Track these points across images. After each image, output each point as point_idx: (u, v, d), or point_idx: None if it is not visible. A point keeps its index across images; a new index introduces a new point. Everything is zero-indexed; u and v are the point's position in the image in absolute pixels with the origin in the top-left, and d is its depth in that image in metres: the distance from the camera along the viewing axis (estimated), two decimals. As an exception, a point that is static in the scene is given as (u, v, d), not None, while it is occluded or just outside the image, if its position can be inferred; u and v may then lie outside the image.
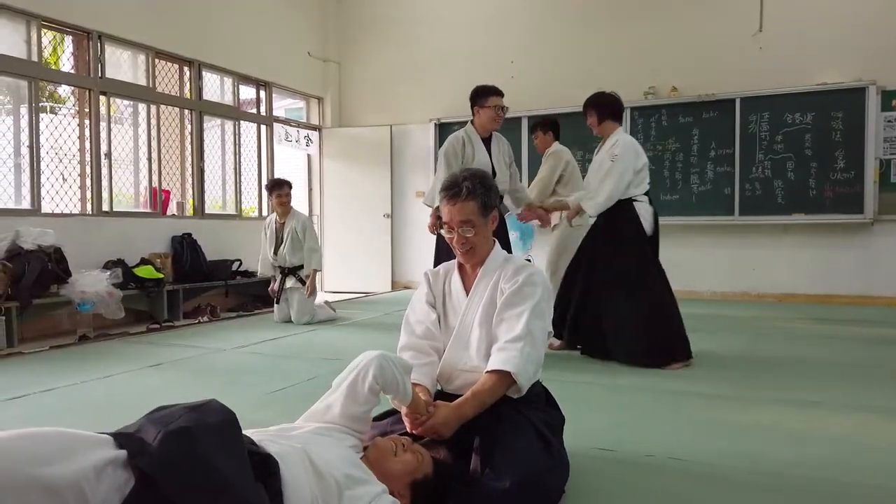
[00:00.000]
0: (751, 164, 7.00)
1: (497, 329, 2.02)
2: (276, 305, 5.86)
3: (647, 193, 3.97)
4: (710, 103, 7.12)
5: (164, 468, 1.14)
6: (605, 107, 4.01)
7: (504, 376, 1.91)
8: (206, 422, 1.27)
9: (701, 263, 7.34)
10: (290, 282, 5.77)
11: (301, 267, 5.78)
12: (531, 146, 7.77)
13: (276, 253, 5.79)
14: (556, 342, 4.18)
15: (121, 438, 1.19)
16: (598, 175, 3.93)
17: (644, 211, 3.90)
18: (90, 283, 5.08)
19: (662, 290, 3.88)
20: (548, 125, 5.19)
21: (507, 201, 4.46)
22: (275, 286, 5.86)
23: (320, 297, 6.26)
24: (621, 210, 3.88)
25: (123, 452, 1.15)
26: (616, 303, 3.84)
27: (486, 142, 4.14)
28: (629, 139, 3.98)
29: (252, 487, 1.27)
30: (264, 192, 7.87)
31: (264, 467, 1.37)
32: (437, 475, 1.76)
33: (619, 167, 3.81)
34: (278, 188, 5.77)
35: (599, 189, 3.87)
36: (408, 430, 1.93)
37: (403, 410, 1.88)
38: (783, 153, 6.88)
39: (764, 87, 6.91)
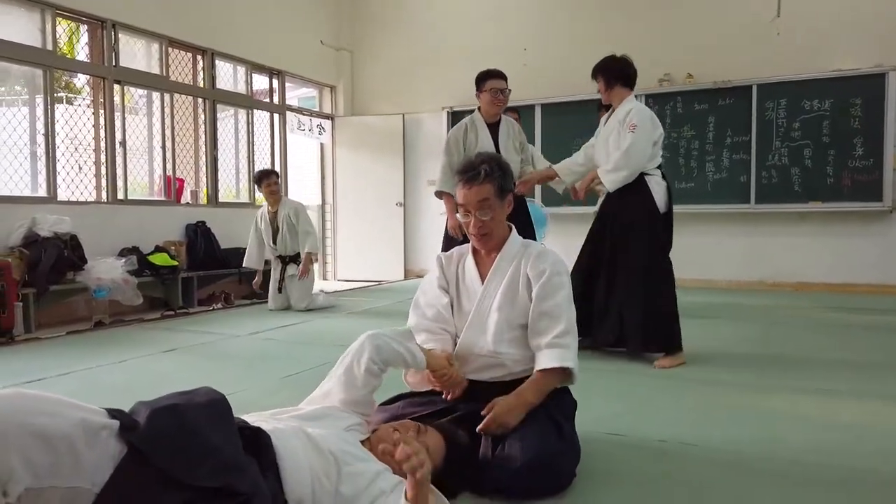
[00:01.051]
0: (767, 152, 6.92)
1: (538, 323, 2.03)
2: (270, 294, 5.87)
3: (659, 167, 3.65)
4: (727, 90, 7.03)
5: (152, 441, 1.17)
6: (614, 71, 3.65)
7: (565, 371, 1.98)
8: (194, 401, 1.31)
9: (716, 252, 7.28)
10: (292, 269, 5.80)
11: (300, 254, 5.82)
12: (544, 133, 7.77)
13: (275, 242, 5.82)
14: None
15: (113, 412, 1.22)
16: (614, 147, 3.56)
17: (656, 185, 3.58)
18: (105, 270, 5.13)
19: (669, 276, 3.60)
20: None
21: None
22: (259, 280, 5.95)
23: (316, 287, 6.26)
24: (631, 186, 3.55)
25: (116, 422, 1.18)
26: (627, 291, 3.55)
27: (494, 127, 4.08)
28: (644, 108, 3.64)
29: (241, 455, 1.29)
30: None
31: (255, 440, 1.39)
32: (448, 461, 1.74)
33: (641, 138, 3.48)
34: (266, 178, 5.82)
35: (621, 162, 3.50)
36: (421, 412, 1.93)
37: (426, 377, 1.87)
38: (800, 140, 6.79)
39: (781, 74, 6.81)
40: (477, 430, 1.86)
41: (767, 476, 1.99)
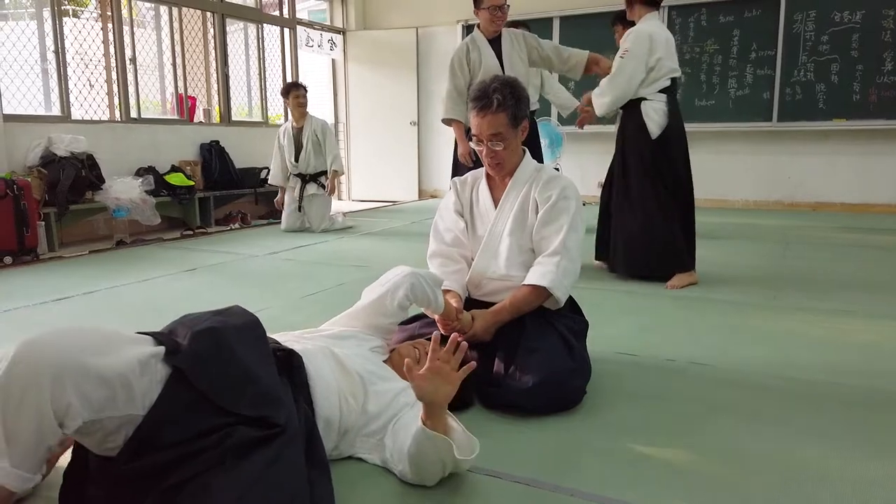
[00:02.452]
0: (793, 67, 6.68)
1: (539, 246, 2.08)
2: (284, 214, 5.84)
3: (667, 90, 3.46)
4: (754, 1, 6.73)
5: (193, 364, 1.22)
6: None
7: (541, 290, 1.99)
8: (231, 323, 1.35)
9: (734, 172, 7.18)
10: (312, 188, 5.75)
11: (321, 173, 5.78)
12: (562, 49, 7.52)
13: (296, 160, 5.74)
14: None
15: (158, 337, 1.27)
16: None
17: (651, 110, 3.44)
18: (124, 190, 5.18)
19: (663, 202, 3.48)
20: (627, 19, 4.82)
21: (554, 105, 4.24)
22: (282, 198, 5.86)
23: (335, 208, 6.26)
24: (626, 112, 3.57)
25: (163, 348, 1.23)
26: (619, 215, 3.60)
27: (496, 42, 3.92)
28: (646, 29, 3.43)
29: (275, 378, 1.34)
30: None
31: (288, 361, 1.45)
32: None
33: (630, 64, 3.41)
34: (295, 89, 5.68)
35: (606, 87, 3.50)
36: (440, 332, 2.00)
37: (436, 317, 1.96)
38: (828, 55, 6.54)
39: (812, -17, 6.50)
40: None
41: (779, 395, 2.01)
